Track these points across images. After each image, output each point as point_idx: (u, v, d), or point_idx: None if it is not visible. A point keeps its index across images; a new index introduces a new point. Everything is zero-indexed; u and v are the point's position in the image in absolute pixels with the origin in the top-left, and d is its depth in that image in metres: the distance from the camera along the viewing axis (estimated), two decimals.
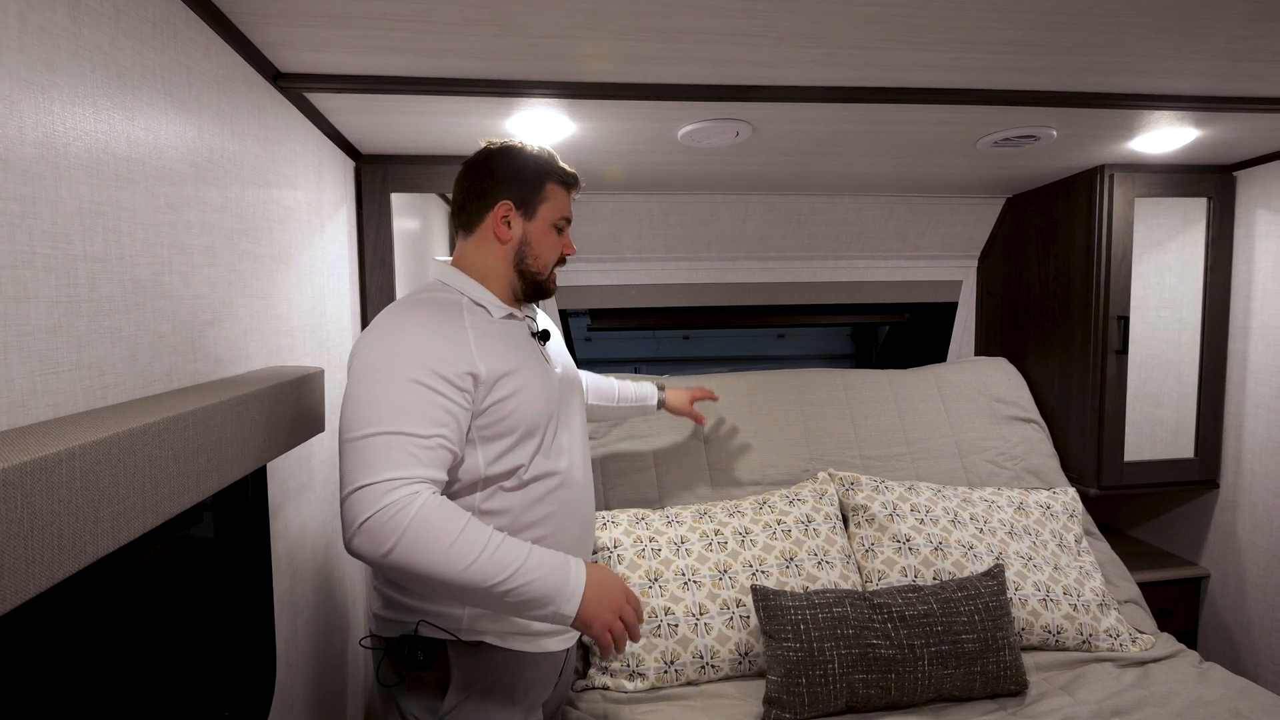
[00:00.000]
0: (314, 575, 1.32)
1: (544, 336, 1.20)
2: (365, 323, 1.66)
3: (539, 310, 1.29)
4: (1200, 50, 1.15)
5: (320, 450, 1.36)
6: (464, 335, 1.03)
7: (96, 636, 0.75)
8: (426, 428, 0.94)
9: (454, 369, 0.98)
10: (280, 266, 1.17)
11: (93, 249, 0.69)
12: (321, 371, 1.14)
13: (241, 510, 1.06)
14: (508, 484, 1.06)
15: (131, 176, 0.75)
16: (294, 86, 1.17)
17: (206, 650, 1.00)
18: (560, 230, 1.16)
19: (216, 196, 0.95)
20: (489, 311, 1.10)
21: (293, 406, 1.00)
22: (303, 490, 1.27)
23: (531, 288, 1.15)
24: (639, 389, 1.66)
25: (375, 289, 1.65)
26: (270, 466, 1.12)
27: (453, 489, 1.03)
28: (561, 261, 1.18)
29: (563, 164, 1.15)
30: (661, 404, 1.69)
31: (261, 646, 1.09)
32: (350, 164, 1.61)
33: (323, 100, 1.27)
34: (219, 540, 1.03)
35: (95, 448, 0.57)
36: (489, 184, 1.12)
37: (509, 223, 1.11)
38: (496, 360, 1.03)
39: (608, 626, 0.96)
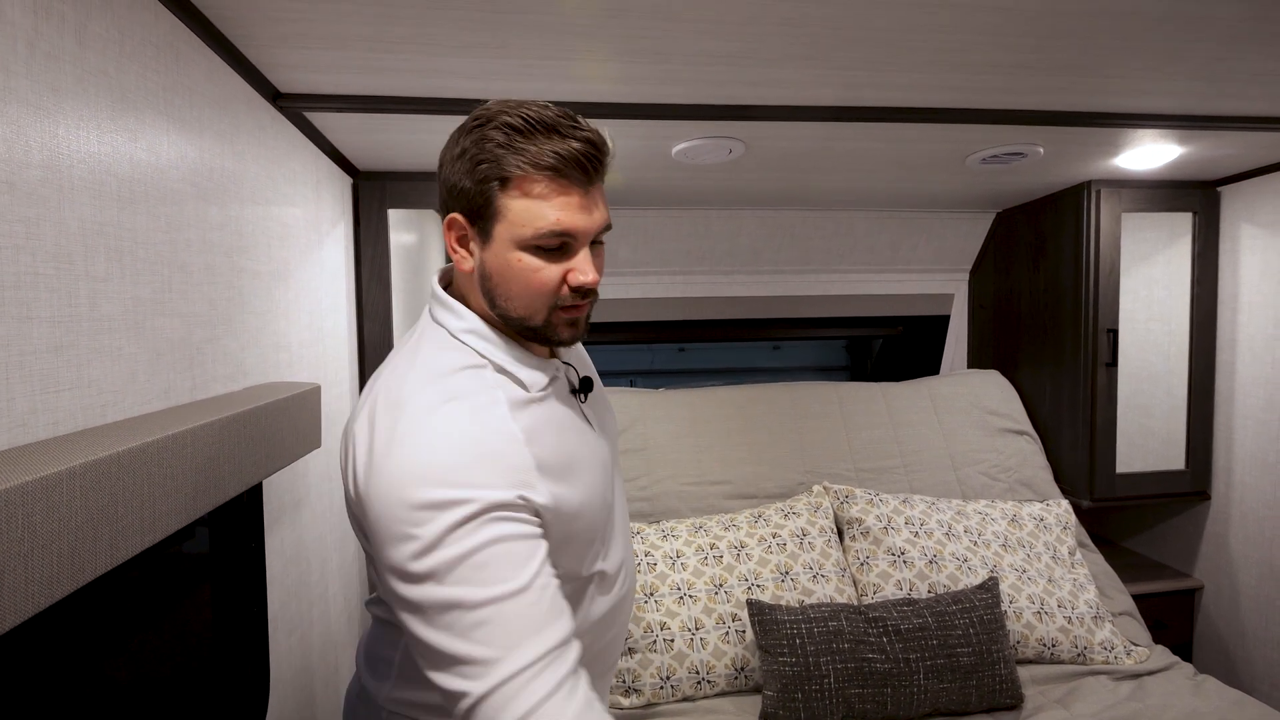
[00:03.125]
0: (308, 591, 1.32)
1: (585, 387, 0.87)
2: (362, 339, 1.66)
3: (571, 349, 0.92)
4: (1180, 70, 1.18)
5: (316, 466, 1.36)
6: (516, 443, 0.70)
7: (92, 653, 0.75)
8: (521, 573, 0.64)
9: (517, 499, 0.68)
10: (278, 283, 1.18)
11: (95, 269, 0.70)
12: (318, 388, 1.15)
13: (237, 526, 1.06)
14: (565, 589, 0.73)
15: (133, 197, 0.76)
16: (293, 106, 1.19)
17: (201, 667, 1.00)
18: (554, 251, 0.72)
19: (216, 215, 0.96)
20: (525, 387, 0.77)
21: (290, 423, 1.01)
22: (299, 505, 1.27)
23: (530, 335, 0.77)
24: None
25: (372, 304, 1.66)
26: (266, 482, 1.12)
27: None
28: (583, 294, 0.75)
29: (553, 132, 0.69)
30: None
31: (255, 663, 1.09)
32: (348, 181, 1.63)
33: (322, 119, 1.29)
34: (214, 556, 1.03)
35: (95, 467, 0.58)
36: (439, 188, 0.77)
37: (468, 246, 0.76)
38: (553, 467, 0.73)
39: None
